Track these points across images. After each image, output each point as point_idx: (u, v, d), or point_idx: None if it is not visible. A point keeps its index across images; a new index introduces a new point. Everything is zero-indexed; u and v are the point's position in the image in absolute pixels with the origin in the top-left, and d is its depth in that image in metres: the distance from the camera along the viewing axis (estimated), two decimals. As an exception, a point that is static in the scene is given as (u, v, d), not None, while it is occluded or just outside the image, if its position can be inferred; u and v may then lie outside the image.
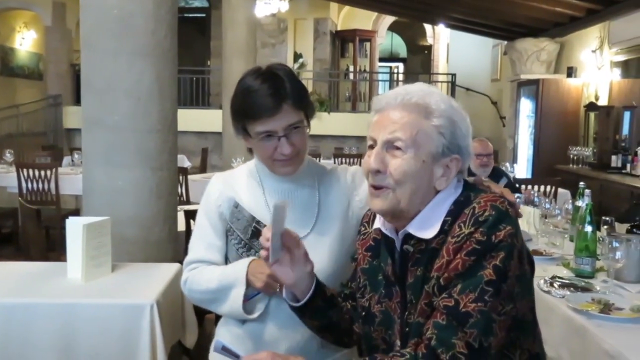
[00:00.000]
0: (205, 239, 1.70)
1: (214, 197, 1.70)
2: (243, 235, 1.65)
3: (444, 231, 1.23)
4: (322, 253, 1.60)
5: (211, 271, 1.65)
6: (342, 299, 1.49)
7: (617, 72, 7.39)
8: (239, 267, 1.60)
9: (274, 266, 1.33)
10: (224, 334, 1.72)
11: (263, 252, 1.32)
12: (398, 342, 1.31)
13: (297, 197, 1.66)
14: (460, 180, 1.30)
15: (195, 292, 1.68)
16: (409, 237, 1.27)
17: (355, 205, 1.67)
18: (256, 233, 1.63)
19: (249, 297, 1.61)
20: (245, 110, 1.56)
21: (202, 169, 8.93)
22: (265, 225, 1.62)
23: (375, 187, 1.26)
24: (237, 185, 1.70)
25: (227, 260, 1.70)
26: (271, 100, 1.51)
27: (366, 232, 1.44)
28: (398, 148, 1.23)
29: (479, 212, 1.19)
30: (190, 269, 1.70)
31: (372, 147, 1.27)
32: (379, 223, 1.35)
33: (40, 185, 5.79)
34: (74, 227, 2.40)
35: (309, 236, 1.62)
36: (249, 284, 1.59)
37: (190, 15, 14.61)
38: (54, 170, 5.83)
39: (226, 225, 1.68)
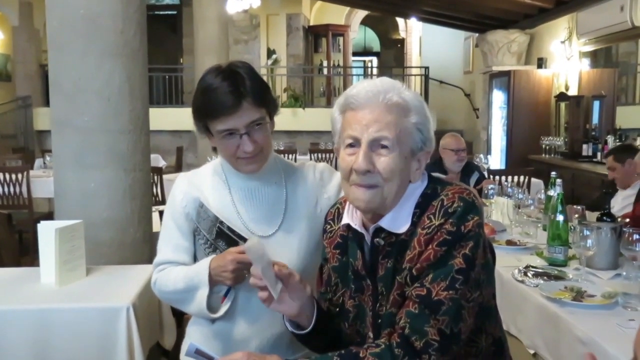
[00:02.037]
0: (172, 241, 1.69)
1: (179, 198, 1.68)
2: (209, 235, 1.65)
3: (413, 223, 1.26)
4: (291, 251, 1.60)
5: (177, 272, 1.65)
6: (331, 305, 1.47)
7: (586, 62, 7.52)
8: (201, 269, 1.59)
9: (273, 305, 1.32)
10: (194, 333, 1.72)
11: (262, 294, 1.30)
12: (370, 334, 1.33)
13: (264, 195, 1.66)
14: (424, 173, 1.33)
15: (164, 292, 1.69)
16: (379, 230, 1.29)
17: (324, 202, 1.67)
18: (220, 233, 1.63)
19: (224, 293, 1.61)
20: (206, 109, 1.54)
21: (178, 168, 8.85)
22: (228, 226, 1.62)
23: (362, 186, 1.25)
24: (203, 185, 1.69)
25: (196, 260, 1.69)
26: (231, 97, 1.50)
27: (332, 230, 1.45)
28: (384, 147, 1.24)
29: (447, 204, 1.23)
30: (159, 270, 1.70)
31: (351, 145, 1.26)
32: (347, 219, 1.36)
33: (12, 189, 5.69)
34: (46, 231, 2.36)
35: (276, 234, 1.63)
36: (217, 282, 1.59)
37: (162, 12, 14.43)
38: (25, 173, 5.73)
39: (193, 226, 1.67)
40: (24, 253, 4.86)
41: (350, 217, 1.35)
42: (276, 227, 1.63)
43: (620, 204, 3.81)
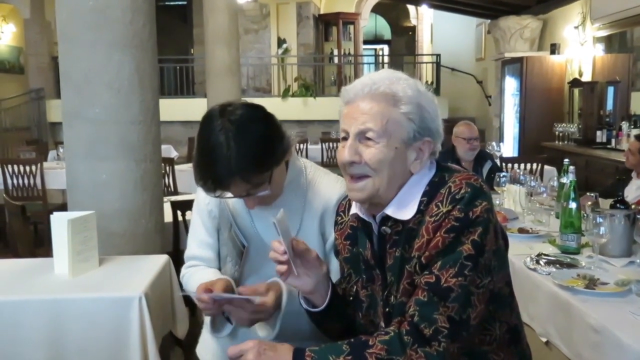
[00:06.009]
0: (197, 237, 1.72)
1: (202, 195, 1.67)
2: (226, 234, 1.66)
3: (420, 211, 1.26)
4: None
5: (196, 282, 1.62)
6: (346, 295, 1.48)
7: (600, 47, 7.42)
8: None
9: (289, 279, 1.32)
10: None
11: (280, 267, 1.29)
12: (382, 324, 1.34)
13: (281, 206, 1.56)
14: (433, 162, 1.33)
15: (187, 291, 1.70)
16: (386, 219, 1.30)
17: (327, 235, 1.62)
18: (229, 235, 1.64)
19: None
20: (202, 178, 1.48)
21: (189, 158, 8.85)
22: (238, 227, 1.62)
23: (353, 177, 1.28)
24: None
25: (219, 256, 1.71)
26: (224, 174, 1.43)
27: (343, 222, 1.46)
28: (370, 138, 1.25)
29: (455, 190, 1.22)
30: (187, 265, 1.74)
31: (345, 138, 1.29)
32: (355, 209, 1.37)
33: (26, 181, 5.74)
34: (59, 222, 2.38)
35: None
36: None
37: (172, 3, 14.44)
38: (39, 165, 5.78)
39: (217, 223, 1.69)
40: (39, 244, 4.91)
41: (358, 207, 1.36)
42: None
43: (634, 193, 3.76)
